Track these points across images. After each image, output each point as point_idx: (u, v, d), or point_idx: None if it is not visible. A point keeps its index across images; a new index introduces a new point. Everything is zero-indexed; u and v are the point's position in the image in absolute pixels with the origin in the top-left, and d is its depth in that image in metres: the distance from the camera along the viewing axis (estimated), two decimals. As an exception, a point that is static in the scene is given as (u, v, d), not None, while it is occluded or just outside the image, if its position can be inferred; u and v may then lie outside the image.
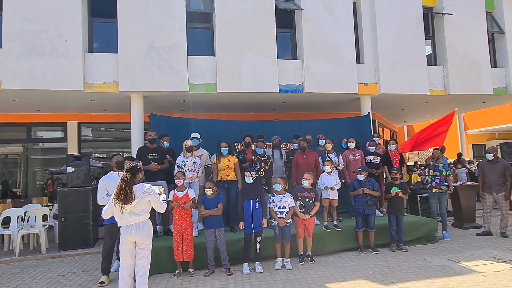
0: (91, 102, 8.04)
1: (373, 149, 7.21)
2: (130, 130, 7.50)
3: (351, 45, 8.21)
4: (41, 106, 8.35)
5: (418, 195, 8.03)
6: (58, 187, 8.07)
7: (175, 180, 5.12)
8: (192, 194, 5.10)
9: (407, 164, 9.20)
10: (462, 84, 8.96)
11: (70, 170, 6.75)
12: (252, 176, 5.13)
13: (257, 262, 5.09)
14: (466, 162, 12.01)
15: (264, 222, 5.06)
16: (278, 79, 7.71)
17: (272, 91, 7.69)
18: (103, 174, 5.32)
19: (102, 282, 4.73)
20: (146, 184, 4.01)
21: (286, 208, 5.17)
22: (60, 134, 9.73)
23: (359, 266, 5.16)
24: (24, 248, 6.80)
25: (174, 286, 4.64)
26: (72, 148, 9.39)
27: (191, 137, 6.13)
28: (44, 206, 7.80)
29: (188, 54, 7.32)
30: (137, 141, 7.33)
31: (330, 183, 5.94)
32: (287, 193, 5.27)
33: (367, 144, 7.28)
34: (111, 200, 3.77)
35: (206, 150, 6.49)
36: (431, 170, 6.81)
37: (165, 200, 4.17)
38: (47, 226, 6.96)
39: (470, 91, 9.05)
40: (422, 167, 11.61)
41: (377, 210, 6.54)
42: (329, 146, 6.64)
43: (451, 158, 11.98)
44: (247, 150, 6.50)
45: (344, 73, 8.09)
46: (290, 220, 5.22)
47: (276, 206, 5.19)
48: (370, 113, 8.56)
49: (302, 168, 6.21)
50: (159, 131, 6.36)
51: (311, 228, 5.38)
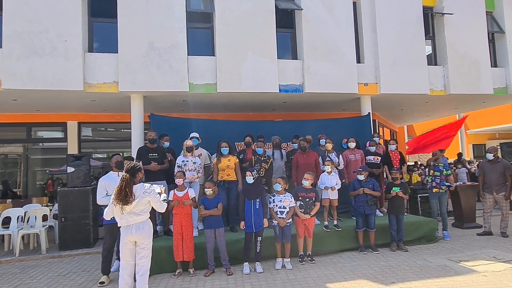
0: (91, 102, 8.04)
1: (373, 149, 7.21)
2: (130, 130, 7.50)
3: (351, 45, 8.20)
4: (41, 106, 8.35)
5: (419, 195, 8.03)
6: (58, 187, 8.07)
7: (175, 179, 5.13)
8: (192, 193, 5.10)
9: (408, 164, 9.19)
10: (462, 84, 8.95)
11: (70, 170, 6.76)
12: (253, 176, 5.14)
13: (257, 262, 5.09)
14: (466, 162, 12.01)
15: (265, 222, 5.06)
16: (278, 79, 7.70)
17: (272, 91, 7.68)
18: (103, 174, 5.31)
19: (102, 282, 4.74)
20: (146, 184, 4.02)
21: (286, 208, 5.17)
22: (60, 134, 9.73)
23: (360, 266, 5.16)
24: (24, 248, 6.80)
25: (174, 286, 4.64)
26: (72, 148, 9.39)
27: (190, 136, 6.14)
28: (44, 206, 7.80)
29: (188, 54, 7.32)
30: (137, 141, 7.33)
31: (330, 183, 5.95)
32: (288, 193, 5.27)
33: (367, 144, 7.29)
34: (111, 200, 3.78)
35: (206, 150, 6.49)
36: (432, 170, 6.81)
37: (165, 200, 4.17)
38: (47, 226, 6.97)
39: (470, 91, 9.04)
40: (422, 167, 11.61)
41: (377, 210, 6.54)
42: (329, 146, 6.64)
43: (451, 158, 11.97)
44: (248, 150, 6.50)
45: (344, 73, 8.09)
46: (291, 220, 5.22)
47: (276, 206, 5.19)
48: (370, 113, 8.56)
49: (302, 168, 6.22)
50: (159, 131, 6.36)
51: (311, 228, 5.38)
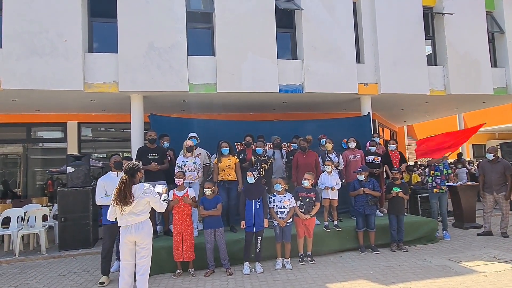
0: (91, 102, 8.03)
1: (373, 149, 7.21)
2: (130, 130, 7.50)
3: (351, 45, 8.20)
4: (41, 106, 8.34)
5: (419, 195, 8.02)
6: (58, 187, 8.06)
7: (175, 179, 5.12)
8: (192, 193, 5.10)
9: (408, 163, 9.19)
10: (462, 84, 8.95)
11: (70, 170, 6.75)
12: (254, 176, 5.13)
13: (257, 262, 5.09)
14: (466, 162, 12.01)
15: (265, 222, 5.06)
16: (278, 79, 7.70)
17: (272, 91, 7.68)
18: (103, 174, 5.31)
19: (102, 283, 4.73)
20: (146, 184, 4.02)
21: (286, 208, 5.16)
22: (60, 134, 9.72)
23: (360, 266, 5.16)
24: (24, 248, 6.80)
25: (174, 286, 4.63)
26: (72, 148, 9.38)
27: (189, 136, 6.13)
28: (44, 206, 7.80)
29: (188, 54, 7.31)
30: (137, 141, 7.33)
31: (330, 183, 5.94)
32: (288, 193, 5.27)
33: (368, 144, 7.28)
34: (111, 201, 3.79)
35: (206, 150, 6.49)
36: (432, 171, 6.80)
37: (165, 200, 4.17)
38: (47, 226, 6.97)
39: (470, 91, 9.04)
40: (422, 167, 11.60)
41: (377, 210, 6.54)
42: (329, 146, 6.64)
43: (451, 158, 11.95)
44: (247, 150, 6.49)
45: (344, 73, 8.09)
46: (291, 220, 5.21)
47: (276, 206, 5.18)
48: (370, 113, 8.55)
49: (302, 168, 6.21)
50: (159, 131, 6.36)
51: (312, 228, 5.37)
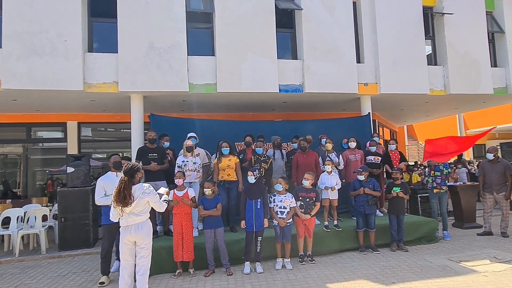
0: (91, 102, 8.03)
1: (374, 149, 7.21)
2: (130, 130, 7.50)
3: (351, 45, 8.20)
4: (41, 106, 8.34)
5: (419, 195, 8.02)
6: (58, 187, 8.06)
7: (175, 180, 5.12)
8: (191, 193, 5.10)
9: (408, 163, 9.19)
10: (462, 84, 8.95)
11: (70, 170, 6.75)
12: (254, 176, 5.12)
13: (257, 262, 5.09)
14: (466, 162, 12.00)
15: (265, 222, 5.05)
16: (278, 79, 7.70)
17: (272, 91, 7.68)
18: (103, 174, 5.31)
19: (102, 283, 4.73)
20: (145, 184, 4.02)
21: (287, 208, 5.16)
22: (60, 134, 9.72)
23: (360, 266, 5.16)
24: (24, 248, 6.79)
25: (174, 286, 4.63)
26: (72, 148, 9.38)
27: (188, 136, 6.12)
28: (44, 206, 7.81)
29: (188, 54, 7.31)
30: (137, 141, 7.33)
31: (330, 183, 5.94)
32: (288, 193, 5.27)
33: (368, 144, 7.28)
34: (112, 202, 3.81)
35: (206, 150, 6.49)
36: (432, 171, 6.79)
37: (166, 200, 4.17)
38: (47, 226, 6.97)
39: (470, 91, 9.04)
40: (422, 167, 11.60)
41: (377, 210, 6.54)
42: (329, 146, 6.63)
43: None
44: (247, 150, 6.49)
45: (344, 73, 8.09)
46: (291, 220, 5.21)
47: (276, 206, 5.18)
48: (370, 113, 8.55)
49: (302, 168, 6.21)
50: (159, 131, 6.36)
51: (312, 228, 5.37)
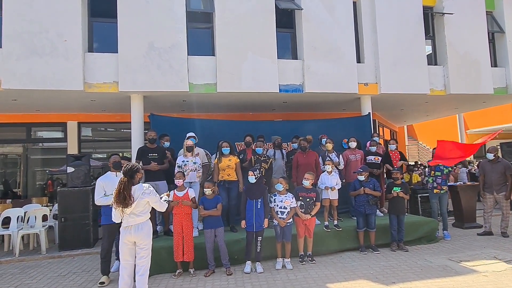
0: (91, 102, 8.03)
1: (374, 149, 7.21)
2: (130, 130, 7.50)
3: (351, 45, 8.19)
4: (41, 106, 8.34)
5: (419, 195, 8.01)
6: (58, 187, 8.06)
7: (175, 180, 5.12)
8: (192, 194, 5.10)
9: (408, 163, 9.19)
10: (462, 84, 8.95)
11: (70, 170, 6.75)
12: (255, 175, 5.12)
13: (257, 262, 5.08)
14: (467, 162, 12.00)
15: (265, 223, 5.05)
16: (278, 79, 7.69)
17: (272, 91, 7.67)
18: (103, 174, 5.31)
19: (103, 283, 4.73)
20: (145, 184, 4.02)
21: (287, 208, 5.16)
22: (60, 134, 9.72)
23: (360, 266, 5.16)
24: (24, 248, 6.79)
25: (175, 286, 4.63)
26: (72, 148, 9.38)
27: (187, 136, 6.11)
28: (44, 206, 7.80)
29: (188, 54, 7.30)
30: (137, 141, 7.33)
31: (330, 183, 5.94)
32: (289, 193, 5.26)
33: (368, 144, 7.28)
34: (113, 203, 3.81)
35: (206, 150, 6.49)
36: (432, 171, 6.78)
37: (166, 200, 4.17)
38: (47, 226, 6.96)
39: (470, 91, 9.04)
40: (422, 167, 11.61)
41: (377, 210, 6.54)
42: (329, 146, 6.63)
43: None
44: (248, 150, 6.49)
45: (344, 73, 8.08)
46: (291, 220, 5.21)
47: (277, 206, 5.18)
48: (370, 113, 8.55)
49: (302, 168, 6.21)
50: (159, 131, 6.36)
51: (312, 228, 5.37)
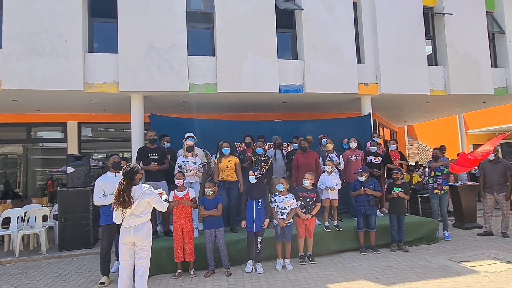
0: (91, 102, 8.03)
1: (374, 149, 7.20)
2: (130, 130, 7.49)
3: (352, 45, 8.18)
4: (41, 106, 8.33)
5: (419, 195, 8.02)
6: (58, 188, 8.05)
7: (175, 180, 5.11)
8: (192, 194, 5.09)
9: (409, 163, 9.18)
10: (462, 84, 8.93)
11: (70, 170, 6.75)
12: (255, 175, 5.11)
13: (257, 263, 5.08)
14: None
15: (265, 223, 5.04)
16: (279, 79, 7.68)
17: (272, 91, 7.67)
18: (103, 174, 5.32)
19: (103, 283, 4.73)
20: (145, 184, 4.01)
21: (287, 209, 5.15)
22: (60, 134, 9.71)
23: (360, 266, 5.15)
24: (24, 248, 6.79)
25: (175, 287, 4.63)
26: (72, 148, 9.37)
27: (186, 136, 6.10)
28: (44, 206, 7.80)
29: (188, 54, 7.30)
30: (137, 141, 7.32)
31: (331, 183, 5.94)
32: (290, 194, 5.26)
33: (368, 144, 7.28)
34: (113, 204, 3.82)
35: (207, 150, 6.49)
36: (433, 171, 6.78)
37: (166, 200, 4.17)
38: (47, 226, 6.97)
39: (470, 91, 9.02)
40: (422, 167, 11.59)
41: (378, 210, 6.53)
42: (329, 146, 6.63)
43: (452, 158, 11.92)
44: (248, 150, 6.49)
45: (344, 73, 8.07)
46: (291, 220, 5.20)
47: (277, 206, 5.18)
48: (370, 113, 8.54)
49: (303, 168, 6.21)
50: (159, 131, 6.36)
51: (312, 228, 5.37)
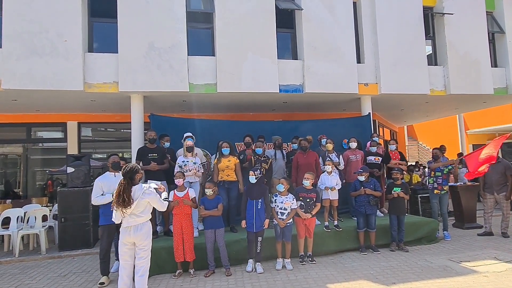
0: (91, 102, 8.02)
1: (374, 149, 7.20)
2: (130, 130, 7.49)
3: (352, 45, 8.18)
4: (41, 106, 8.33)
5: (419, 195, 8.02)
6: (58, 188, 8.06)
7: (175, 180, 5.11)
8: (192, 194, 5.09)
9: (408, 163, 9.19)
10: (462, 84, 8.93)
11: (70, 170, 6.74)
12: (255, 175, 5.10)
13: (257, 263, 5.08)
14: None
15: (265, 223, 5.04)
16: (279, 79, 7.68)
17: (272, 91, 7.66)
18: (102, 174, 5.32)
19: (102, 283, 4.73)
20: (145, 184, 4.02)
21: (287, 209, 5.15)
22: (60, 134, 9.71)
23: (360, 266, 5.15)
24: (24, 248, 6.79)
25: (175, 287, 4.63)
26: (72, 148, 9.37)
27: (185, 136, 6.10)
28: (44, 206, 7.80)
29: (188, 54, 7.29)
30: (137, 141, 7.32)
31: (331, 183, 5.94)
32: (290, 194, 5.25)
33: (368, 144, 7.28)
34: (113, 205, 3.83)
35: (207, 150, 6.49)
36: (433, 172, 6.78)
37: (166, 199, 4.17)
38: (47, 226, 6.96)
39: (470, 91, 9.02)
40: (422, 167, 11.58)
41: (378, 210, 6.53)
42: (329, 146, 6.63)
43: (451, 158, 11.91)
44: (248, 150, 6.49)
45: (344, 73, 8.07)
46: (291, 220, 5.20)
47: (277, 206, 5.17)
48: (370, 113, 8.54)
49: (303, 168, 6.21)
50: (159, 131, 6.36)
51: (312, 228, 5.37)
